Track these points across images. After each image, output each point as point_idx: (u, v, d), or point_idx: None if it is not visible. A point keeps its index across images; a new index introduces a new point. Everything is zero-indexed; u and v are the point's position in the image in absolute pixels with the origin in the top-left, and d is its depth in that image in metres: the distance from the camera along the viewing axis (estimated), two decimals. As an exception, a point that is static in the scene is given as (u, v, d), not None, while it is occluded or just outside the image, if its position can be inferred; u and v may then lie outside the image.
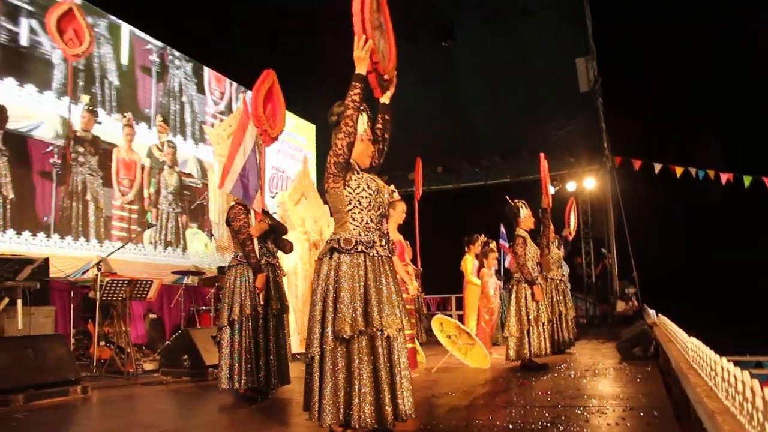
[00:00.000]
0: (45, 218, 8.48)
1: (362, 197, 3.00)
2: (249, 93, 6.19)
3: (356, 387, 2.80)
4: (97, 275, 6.54)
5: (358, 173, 3.06)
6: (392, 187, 6.47)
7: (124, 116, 10.02)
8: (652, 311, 8.32)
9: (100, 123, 9.50)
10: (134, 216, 9.96)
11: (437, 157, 14.75)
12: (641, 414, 3.57)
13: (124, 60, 10.21)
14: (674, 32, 12.85)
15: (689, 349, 3.67)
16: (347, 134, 2.94)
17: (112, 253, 7.23)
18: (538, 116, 14.24)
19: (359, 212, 2.99)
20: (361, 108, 3.07)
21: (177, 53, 11.42)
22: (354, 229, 2.98)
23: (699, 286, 12.09)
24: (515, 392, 4.78)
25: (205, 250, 11.34)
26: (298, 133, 13.87)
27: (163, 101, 10.98)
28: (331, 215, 3.19)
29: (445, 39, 14.34)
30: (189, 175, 11.27)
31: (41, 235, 8.39)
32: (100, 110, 9.58)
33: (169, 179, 10.78)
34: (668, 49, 13.07)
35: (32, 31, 8.64)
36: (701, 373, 3.07)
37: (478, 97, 14.60)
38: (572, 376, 5.57)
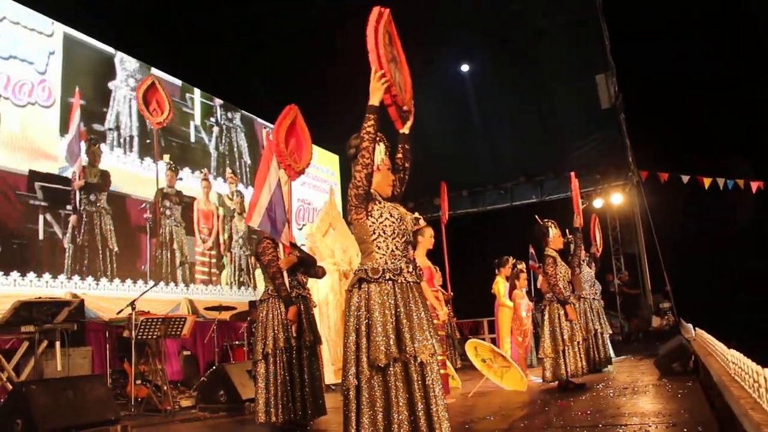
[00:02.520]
0: (142, 267, 9.45)
1: (386, 226, 3.02)
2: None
3: (394, 415, 2.80)
4: (131, 314, 6.62)
5: (380, 202, 3.09)
6: (416, 214, 6.49)
7: (201, 171, 10.94)
8: (689, 325, 8.19)
9: (181, 179, 10.52)
10: (213, 260, 11.02)
11: (462, 181, 14.79)
12: (685, 430, 3.51)
13: (197, 120, 11.30)
14: (692, 42, 12.79)
15: (730, 362, 3.61)
16: (365, 166, 2.97)
17: (144, 293, 7.33)
18: (561, 135, 14.25)
19: (384, 241, 3.01)
20: (377, 138, 3.10)
21: (222, 103, 12.18)
22: (380, 257, 3.00)
23: (733, 297, 11.88)
24: (554, 414, 4.72)
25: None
26: (323, 164, 13.98)
27: (225, 153, 11.97)
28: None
29: (464, 63, 14.48)
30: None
31: (140, 282, 9.29)
32: (183, 169, 10.69)
33: (239, 225, 11.73)
34: (687, 60, 12.99)
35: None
36: (744, 385, 3.01)
37: (500, 119, 14.66)
38: (611, 394, 5.49)
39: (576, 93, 13.83)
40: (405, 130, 3.27)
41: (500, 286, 8.58)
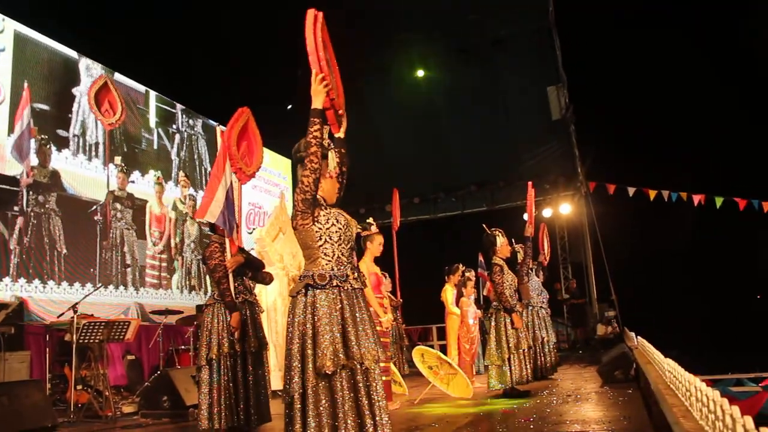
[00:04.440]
0: (92, 270, 9.20)
1: (332, 232, 3.01)
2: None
3: (341, 421, 2.79)
4: (73, 318, 6.46)
5: (326, 208, 3.08)
6: (370, 219, 6.49)
7: (156, 174, 10.87)
8: (632, 334, 8.37)
9: (133, 182, 10.29)
10: (164, 264, 10.82)
11: (414, 188, 14.84)
12: (622, 437, 3.58)
13: (152, 124, 11.11)
14: (642, 56, 13.13)
15: (666, 371, 3.70)
16: (312, 170, 2.96)
17: (87, 295, 7.17)
18: (513, 145, 14.45)
19: (330, 247, 3.00)
20: (327, 145, 3.10)
21: (182, 108, 12.02)
22: (326, 264, 2.98)
23: (676, 307, 12.20)
24: (498, 421, 4.77)
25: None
26: (274, 168, 13.88)
27: (186, 159, 11.86)
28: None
29: (418, 71, 14.58)
30: (205, 223, 11.52)
31: (89, 285, 8.97)
32: (134, 171, 10.43)
33: (191, 229, 11.63)
34: (637, 74, 13.34)
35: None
36: (678, 393, 3.09)
37: (452, 127, 14.80)
38: (555, 401, 5.57)
39: (528, 103, 14.06)
40: (341, 134, 3.28)
41: (448, 293, 8.64)
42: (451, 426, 4.66)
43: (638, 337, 7.55)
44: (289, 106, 14.63)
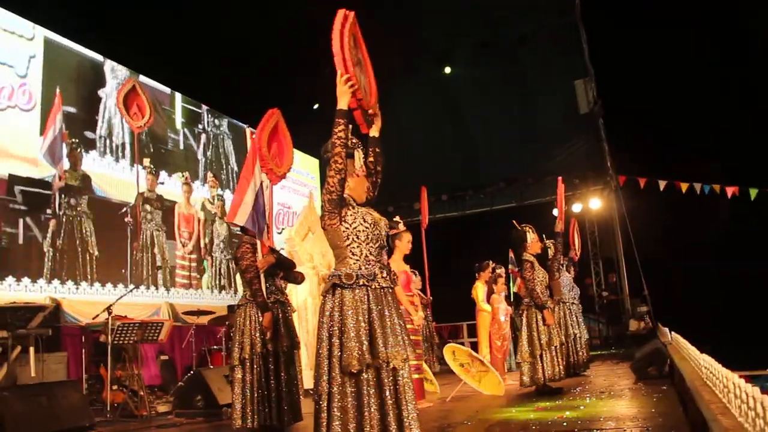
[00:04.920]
0: (123, 271, 9.39)
1: (359, 231, 3.01)
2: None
3: (366, 420, 2.80)
4: (108, 319, 6.56)
5: (353, 207, 3.08)
6: (397, 217, 6.49)
7: (183, 175, 11.00)
8: (666, 329, 8.26)
9: (162, 183, 10.45)
10: (194, 264, 10.93)
11: (442, 186, 14.83)
12: (657, 434, 3.54)
13: (178, 125, 11.26)
14: (670, 48, 12.93)
15: (702, 367, 3.64)
16: (337, 171, 2.97)
17: (121, 297, 7.27)
18: (541, 140, 14.34)
19: (358, 246, 3.00)
20: (353, 144, 3.10)
21: (207, 108, 12.18)
22: (354, 263, 2.99)
23: (710, 302, 12.01)
24: (531, 418, 4.75)
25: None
26: (303, 168, 13.95)
27: (212, 159, 12.00)
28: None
29: (444, 68, 14.54)
30: (236, 224, 11.57)
31: (120, 286, 9.17)
32: (161, 172, 10.56)
33: (220, 229, 11.73)
34: (665, 66, 13.14)
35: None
36: (715, 390, 3.05)
37: (480, 124, 14.73)
38: (588, 398, 5.53)
39: (556, 98, 13.94)
40: (374, 133, 3.27)
41: (479, 290, 8.61)
42: (484, 424, 4.65)
43: (672, 332, 7.45)
44: (316, 105, 14.69)
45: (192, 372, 6.88)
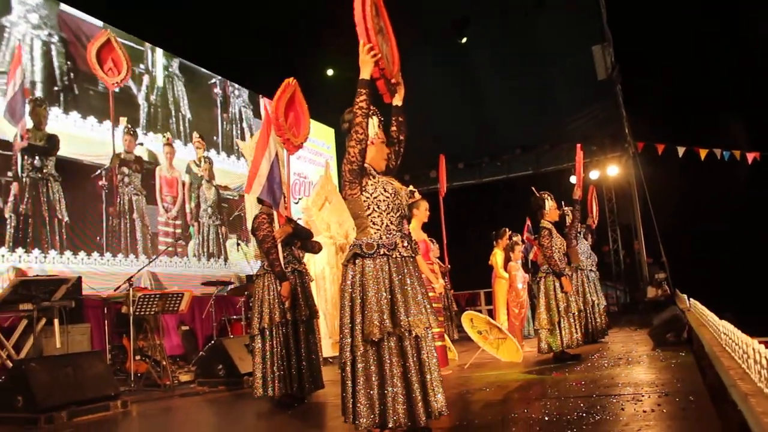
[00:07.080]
0: (98, 238, 8.80)
1: (380, 201, 3.02)
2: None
3: (389, 388, 2.83)
4: (129, 291, 6.64)
5: (374, 177, 3.09)
6: (411, 187, 6.48)
7: (164, 136, 10.35)
8: (684, 296, 8.24)
9: (141, 144, 9.82)
10: (178, 231, 10.29)
11: (458, 154, 14.78)
12: (677, 399, 3.55)
13: (159, 82, 10.57)
14: (688, 13, 12.69)
15: (721, 333, 3.64)
16: (358, 141, 2.96)
17: (142, 268, 7.34)
18: (558, 107, 14.22)
19: (378, 216, 3.01)
20: (370, 112, 3.09)
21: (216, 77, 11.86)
22: (375, 232, 3.01)
23: (729, 268, 11.93)
24: (549, 384, 4.78)
25: (245, 259, 11.45)
26: (318, 138, 13.92)
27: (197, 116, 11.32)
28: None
29: (461, 35, 14.39)
30: (226, 188, 11.41)
31: (95, 254, 8.68)
32: (139, 131, 9.91)
33: (207, 193, 11.08)
34: (685, 30, 12.90)
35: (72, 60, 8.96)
36: (734, 356, 3.05)
37: (497, 91, 14.60)
38: (606, 365, 5.54)
39: (573, 64, 13.77)
40: (398, 102, 3.25)
41: (498, 257, 8.62)
42: (502, 390, 4.68)
43: (691, 299, 7.43)
44: (330, 71, 14.63)
45: (213, 342, 6.96)
